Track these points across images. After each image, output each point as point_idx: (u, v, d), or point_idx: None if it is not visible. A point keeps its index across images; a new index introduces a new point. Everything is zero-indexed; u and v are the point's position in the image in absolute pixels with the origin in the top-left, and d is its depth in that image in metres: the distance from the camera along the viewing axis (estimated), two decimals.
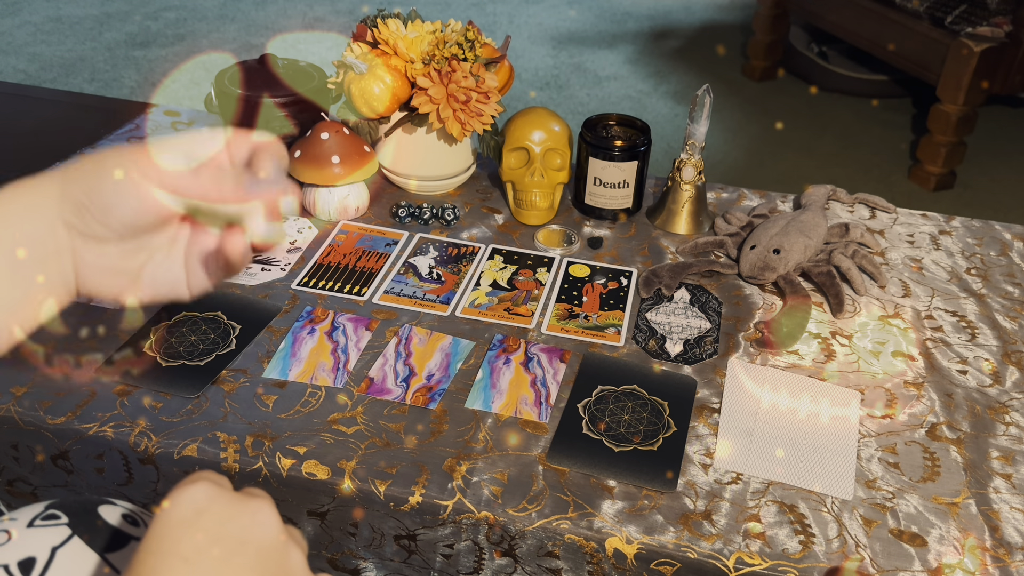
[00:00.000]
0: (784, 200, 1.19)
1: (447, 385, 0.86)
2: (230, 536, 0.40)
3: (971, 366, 0.91)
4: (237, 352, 0.88)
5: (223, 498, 0.42)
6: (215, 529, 0.40)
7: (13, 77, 2.90)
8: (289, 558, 0.42)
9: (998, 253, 1.10)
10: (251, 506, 0.42)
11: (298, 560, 0.43)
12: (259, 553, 0.41)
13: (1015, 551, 0.71)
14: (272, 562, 0.41)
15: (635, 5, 3.71)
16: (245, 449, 0.77)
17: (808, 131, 2.71)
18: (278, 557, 0.42)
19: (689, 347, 0.92)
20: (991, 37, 2.23)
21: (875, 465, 0.78)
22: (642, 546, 0.71)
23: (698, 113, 1.06)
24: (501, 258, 1.05)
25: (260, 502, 0.43)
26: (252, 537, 0.41)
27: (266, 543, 0.42)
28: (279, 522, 0.43)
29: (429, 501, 0.74)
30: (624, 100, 2.89)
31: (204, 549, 0.39)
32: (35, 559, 0.55)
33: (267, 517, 0.42)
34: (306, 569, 0.43)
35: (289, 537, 0.43)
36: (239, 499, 0.42)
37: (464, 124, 1.06)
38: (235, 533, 0.41)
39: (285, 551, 0.42)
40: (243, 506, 0.42)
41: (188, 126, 1.34)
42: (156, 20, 3.41)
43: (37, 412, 0.81)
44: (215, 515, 0.41)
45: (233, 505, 0.42)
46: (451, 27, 1.10)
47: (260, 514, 0.42)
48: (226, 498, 0.42)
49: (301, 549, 0.44)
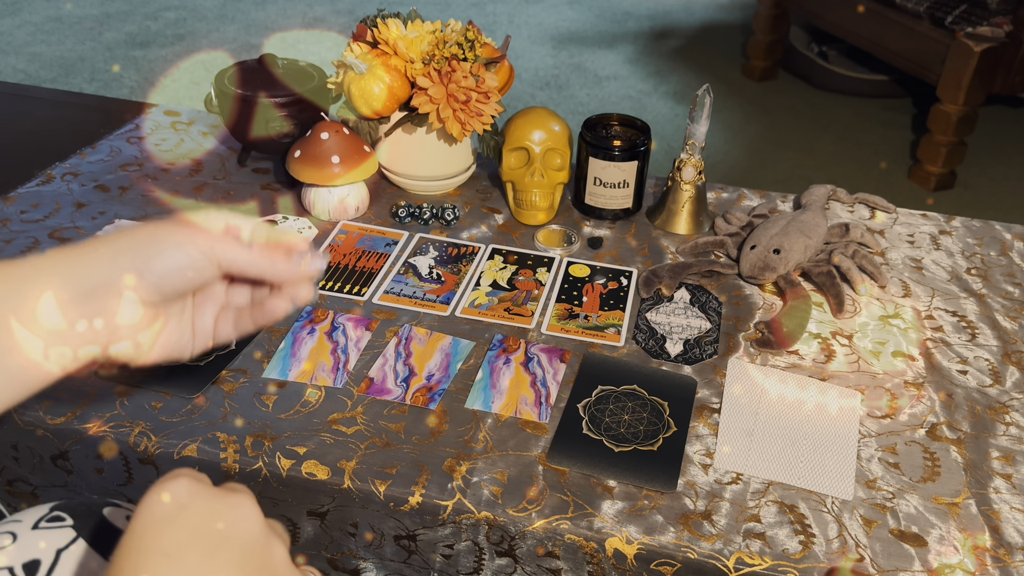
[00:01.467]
0: (784, 200, 1.19)
1: (447, 385, 0.86)
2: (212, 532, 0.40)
3: (971, 366, 0.91)
4: (237, 352, 0.88)
5: (204, 494, 0.41)
6: (197, 525, 0.40)
7: (13, 77, 2.90)
8: (272, 552, 0.42)
9: (998, 253, 1.10)
10: (232, 501, 0.42)
11: (280, 554, 0.43)
12: (242, 548, 0.41)
13: (1015, 551, 0.71)
14: (255, 556, 0.41)
15: (635, 5, 3.71)
16: (245, 449, 0.77)
17: (808, 131, 2.71)
18: (261, 551, 0.41)
19: (689, 347, 0.92)
20: (991, 37, 2.23)
21: (875, 465, 0.78)
22: (642, 546, 0.71)
23: (698, 113, 1.06)
24: (501, 258, 1.05)
25: (241, 497, 0.42)
26: (234, 532, 0.41)
27: (248, 538, 0.41)
28: (260, 516, 0.43)
29: (429, 501, 0.74)
30: (624, 100, 2.89)
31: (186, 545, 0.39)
32: (39, 561, 0.55)
33: (249, 512, 0.42)
34: (288, 563, 0.43)
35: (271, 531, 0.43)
36: (220, 494, 0.42)
37: (464, 124, 1.06)
38: (217, 528, 0.40)
39: (267, 545, 0.42)
40: (224, 501, 0.42)
41: (188, 126, 1.34)
42: (156, 20, 3.41)
43: (37, 412, 0.81)
44: (196, 511, 0.40)
45: (214, 500, 0.41)
46: (451, 27, 1.10)
47: (241, 509, 0.42)
48: (207, 494, 0.42)
49: (283, 543, 0.44)
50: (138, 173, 1.20)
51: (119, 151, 1.26)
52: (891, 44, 2.51)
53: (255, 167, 1.24)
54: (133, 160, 1.23)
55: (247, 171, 1.23)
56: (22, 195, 1.14)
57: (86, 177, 1.18)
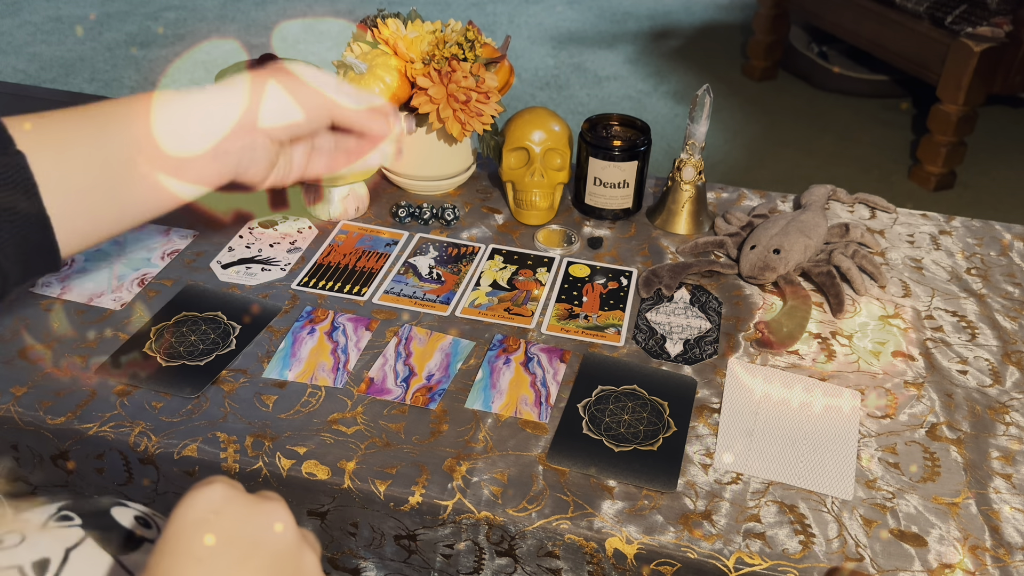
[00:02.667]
0: (784, 200, 1.19)
1: (447, 385, 0.86)
2: (245, 538, 0.41)
3: (971, 366, 0.91)
4: (237, 352, 0.88)
5: (238, 500, 0.42)
6: (230, 531, 0.41)
7: (13, 77, 2.90)
8: (303, 561, 0.43)
9: (998, 253, 1.10)
10: (265, 508, 0.42)
11: (311, 562, 0.43)
12: (273, 555, 0.41)
13: (1015, 551, 0.71)
14: (286, 564, 0.41)
15: (635, 5, 3.71)
16: (245, 449, 0.77)
17: (808, 131, 2.72)
18: (292, 559, 0.42)
19: (689, 347, 0.92)
20: (991, 37, 2.23)
21: (875, 465, 0.78)
22: (642, 546, 0.71)
23: (698, 113, 1.06)
24: (501, 258, 1.05)
25: (275, 504, 0.43)
26: (266, 539, 0.41)
27: (280, 546, 0.42)
28: (294, 524, 0.43)
29: (429, 501, 0.74)
30: (624, 100, 2.89)
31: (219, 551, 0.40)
32: (49, 560, 0.55)
33: (282, 520, 0.43)
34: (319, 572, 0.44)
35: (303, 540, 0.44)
36: (254, 501, 0.43)
37: (464, 124, 1.06)
38: (250, 535, 0.41)
39: (299, 553, 0.43)
40: (258, 508, 0.42)
41: None
42: (156, 20, 3.41)
43: (37, 412, 0.81)
44: (230, 517, 0.41)
45: (248, 507, 0.42)
46: (451, 27, 1.10)
47: (275, 516, 0.42)
48: (241, 500, 0.42)
49: (315, 552, 0.44)
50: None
51: None
52: (891, 44, 2.51)
53: None
54: None
55: None
56: None
57: None
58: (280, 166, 0.63)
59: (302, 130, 0.61)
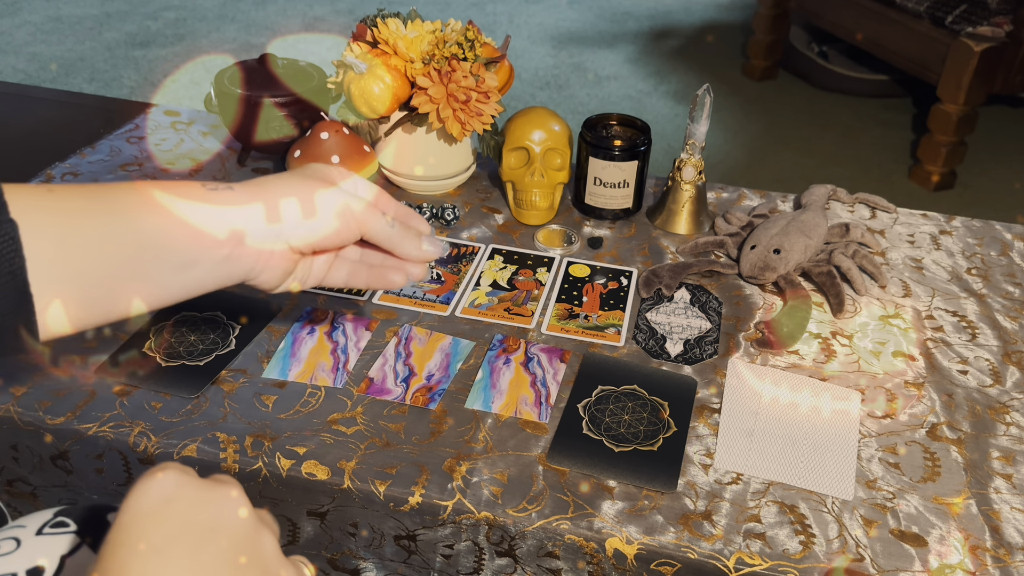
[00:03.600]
0: (784, 200, 1.19)
1: (447, 385, 0.85)
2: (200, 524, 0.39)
3: (971, 366, 0.91)
4: (237, 352, 0.88)
5: (191, 486, 0.41)
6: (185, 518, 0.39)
7: (13, 77, 2.90)
8: (262, 543, 0.42)
9: (998, 253, 1.10)
10: (220, 492, 0.41)
11: (270, 544, 0.42)
12: (231, 540, 0.40)
13: (1015, 551, 0.71)
14: (244, 548, 0.40)
15: (635, 5, 3.71)
16: (245, 449, 0.77)
17: (808, 130, 2.72)
18: (250, 542, 0.41)
19: (689, 347, 0.92)
20: (991, 37, 2.23)
21: (875, 465, 0.78)
22: (642, 546, 0.71)
23: (698, 113, 1.06)
24: (501, 258, 1.05)
25: (228, 488, 0.42)
26: (223, 524, 0.40)
27: (237, 529, 0.41)
28: (249, 507, 0.42)
29: (429, 501, 0.74)
30: (624, 100, 2.89)
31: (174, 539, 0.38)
32: (44, 568, 0.54)
33: (237, 503, 0.41)
34: (278, 553, 0.42)
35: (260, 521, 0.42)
36: (207, 486, 0.41)
37: (464, 124, 1.06)
38: (205, 521, 0.40)
39: (257, 536, 0.41)
40: (212, 493, 0.41)
41: (188, 126, 1.34)
42: (156, 20, 3.41)
43: (37, 412, 0.81)
44: (184, 503, 0.40)
45: (202, 492, 0.41)
46: (451, 27, 1.10)
47: (229, 500, 0.41)
48: (194, 485, 0.41)
49: (273, 533, 0.43)
50: (138, 173, 1.20)
51: (119, 151, 1.26)
52: (891, 44, 2.51)
53: (255, 167, 1.23)
54: (133, 160, 1.23)
55: (247, 171, 1.23)
56: None
57: (86, 177, 1.18)
58: (297, 273, 0.60)
59: (328, 245, 0.57)
